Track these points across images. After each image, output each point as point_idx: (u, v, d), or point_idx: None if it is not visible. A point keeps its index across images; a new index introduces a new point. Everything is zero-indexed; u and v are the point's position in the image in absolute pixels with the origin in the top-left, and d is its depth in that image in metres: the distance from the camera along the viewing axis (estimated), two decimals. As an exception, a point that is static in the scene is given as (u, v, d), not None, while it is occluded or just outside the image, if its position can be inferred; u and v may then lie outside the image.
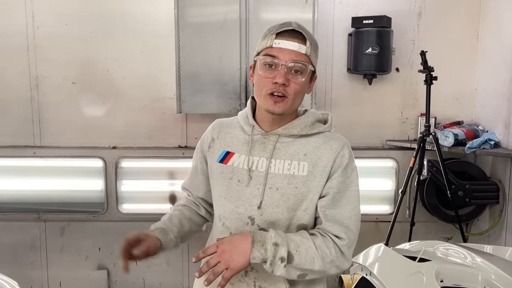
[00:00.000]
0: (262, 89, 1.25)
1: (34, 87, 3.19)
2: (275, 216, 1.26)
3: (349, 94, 3.23)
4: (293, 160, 1.27)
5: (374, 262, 1.75)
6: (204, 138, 1.43)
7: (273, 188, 1.27)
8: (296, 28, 1.24)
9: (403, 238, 3.03)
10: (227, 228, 1.31)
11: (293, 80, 1.23)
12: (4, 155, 3.19)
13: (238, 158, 1.32)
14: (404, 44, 3.17)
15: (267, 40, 1.25)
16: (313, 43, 1.26)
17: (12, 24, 3.13)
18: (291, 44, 1.22)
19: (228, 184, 1.31)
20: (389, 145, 3.25)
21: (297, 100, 1.27)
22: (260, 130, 1.32)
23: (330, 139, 1.31)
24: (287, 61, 1.21)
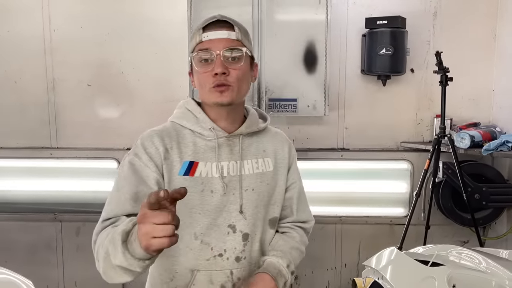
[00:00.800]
0: (204, 86, 1.21)
1: (51, 90, 3.25)
2: (255, 217, 1.27)
3: (362, 95, 3.21)
4: (258, 158, 1.30)
5: (386, 266, 1.72)
6: (151, 150, 1.20)
7: (249, 189, 1.26)
8: (221, 18, 1.23)
9: (418, 241, 2.99)
10: (207, 245, 1.22)
11: (232, 67, 1.20)
12: (21, 156, 3.26)
13: (205, 167, 1.22)
14: (419, 44, 3.13)
15: (196, 37, 1.22)
16: (241, 28, 1.25)
17: (30, 27, 3.19)
18: (220, 33, 1.20)
19: (201, 197, 1.20)
20: (403, 147, 3.21)
21: (243, 87, 1.24)
22: (223, 133, 1.25)
23: (275, 133, 1.39)
24: (221, 50, 1.18)
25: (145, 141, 1.22)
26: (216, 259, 1.22)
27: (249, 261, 1.27)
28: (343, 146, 3.24)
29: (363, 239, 3.27)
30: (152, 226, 0.86)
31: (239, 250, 1.24)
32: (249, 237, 1.25)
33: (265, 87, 2.93)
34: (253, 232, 1.26)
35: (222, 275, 1.23)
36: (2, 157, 3.28)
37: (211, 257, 1.22)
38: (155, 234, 0.86)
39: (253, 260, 1.28)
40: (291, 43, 2.90)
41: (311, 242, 3.42)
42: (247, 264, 1.26)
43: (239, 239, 1.24)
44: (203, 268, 1.22)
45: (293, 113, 2.95)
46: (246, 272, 1.25)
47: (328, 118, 3.17)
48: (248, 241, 1.25)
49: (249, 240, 1.25)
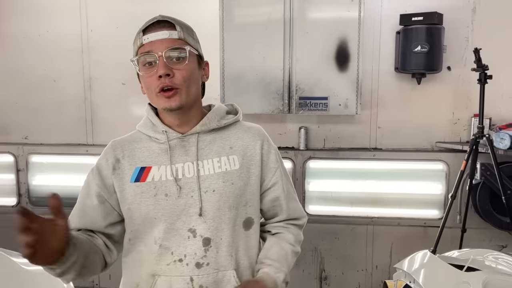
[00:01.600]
0: (151, 90, 1.16)
1: (88, 88, 3.35)
2: (219, 220, 1.18)
3: (396, 94, 3.13)
4: (221, 156, 1.22)
5: (418, 269, 1.68)
6: (102, 163, 1.22)
7: (209, 191, 1.18)
8: (161, 19, 1.18)
9: (453, 244, 2.89)
10: (167, 249, 1.17)
11: (177, 67, 1.15)
12: (59, 152, 3.38)
13: (158, 170, 1.18)
14: (457, 41, 3.02)
15: (137, 41, 1.18)
16: (184, 26, 1.20)
17: (68, 28, 3.30)
18: (160, 34, 1.15)
19: (155, 202, 1.17)
20: (439, 147, 3.12)
21: (191, 88, 1.18)
22: (176, 134, 1.21)
23: (247, 127, 1.29)
24: (163, 51, 1.14)
25: (102, 154, 1.26)
26: (176, 264, 1.16)
27: (214, 267, 1.18)
28: (376, 146, 3.18)
29: (395, 241, 3.20)
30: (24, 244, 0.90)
31: (200, 255, 1.16)
32: (212, 242, 1.17)
33: (295, 85, 2.92)
34: (217, 237, 1.18)
35: (181, 281, 1.16)
36: (42, 153, 3.41)
37: (171, 262, 1.16)
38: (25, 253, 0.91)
39: (220, 266, 1.19)
40: (323, 41, 2.87)
41: (342, 243, 3.39)
42: (211, 271, 1.17)
43: (199, 244, 1.16)
44: (163, 273, 1.17)
45: (324, 111, 2.92)
46: (210, 279, 1.17)
47: (360, 117, 3.12)
48: (210, 246, 1.17)
49: (211, 245, 1.17)
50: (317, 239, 3.23)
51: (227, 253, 1.19)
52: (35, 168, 3.42)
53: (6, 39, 3.38)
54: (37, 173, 3.43)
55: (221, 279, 1.19)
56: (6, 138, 3.45)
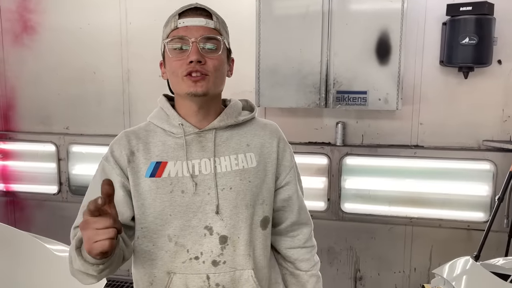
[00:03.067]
0: (177, 74, 1.12)
1: (126, 80, 3.40)
2: (235, 218, 1.15)
3: (441, 88, 2.97)
4: (238, 153, 1.18)
5: (459, 277, 1.57)
6: (116, 154, 1.17)
7: (226, 188, 1.15)
8: (199, 6, 1.17)
9: (499, 250, 2.73)
10: (182, 247, 1.14)
11: (209, 56, 1.12)
12: (98, 143, 3.45)
13: (174, 166, 1.15)
14: (509, 33, 2.82)
15: (171, 23, 1.15)
16: (219, 18, 1.18)
17: (108, 21, 3.36)
18: (197, 20, 1.13)
19: (171, 199, 1.13)
20: (486, 146, 2.93)
21: (219, 79, 1.16)
22: (193, 129, 1.17)
23: (264, 124, 1.27)
24: (197, 37, 1.11)
25: (114, 144, 1.21)
26: (192, 262, 1.14)
27: (231, 265, 1.15)
28: (417, 143, 3.04)
29: (435, 243, 3.05)
30: (94, 231, 0.89)
31: (216, 253, 1.14)
32: (228, 240, 1.14)
33: (333, 79, 2.82)
34: (234, 235, 1.15)
35: (198, 279, 1.14)
36: (82, 143, 3.50)
37: (186, 259, 1.14)
38: (97, 238, 0.89)
39: (238, 265, 1.16)
40: (363, 33, 2.75)
41: (378, 242, 3.29)
42: (228, 269, 1.15)
43: (216, 241, 1.14)
44: (178, 271, 1.14)
45: (363, 106, 2.81)
46: (227, 278, 1.15)
47: (401, 113, 2.98)
48: (227, 244, 1.14)
49: (228, 243, 1.14)
50: (353, 238, 3.13)
51: (244, 252, 1.16)
52: (75, 158, 3.52)
53: (50, 32, 3.48)
54: (77, 162, 3.53)
55: (239, 278, 1.16)
56: (49, 128, 3.57)
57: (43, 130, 3.58)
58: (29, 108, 3.61)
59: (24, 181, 3.63)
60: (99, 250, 0.90)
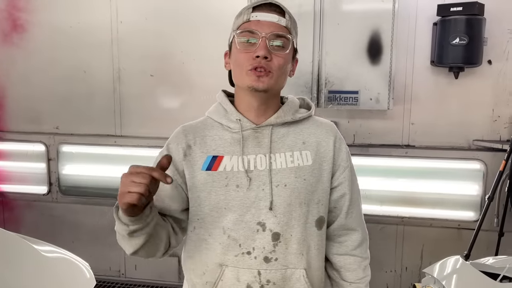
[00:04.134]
0: (242, 67, 1.14)
1: (117, 79, 3.37)
2: (289, 215, 1.15)
3: (432, 88, 2.98)
4: (294, 150, 1.19)
5: (449, 276, 1.58)
6: (172, 147, 1.21)
7: (280, 185, 1.15)
8: (273, 1, 1.17)
9: (490, 248, 2.75)
10: (234, 240, 1.16)
11: (276, 53, 1.13)
12: (89, 143, 3.42)
13: (230, 160, 1.16)
14: (499, 33, 2.84)
15: (244, 15, 1.16)
16: (292, 17, 1.18)
17: (99, 19, 3.33)
18: (270, 16, 1.13)
19: (226, 192, 1.16)
20: (476, 145, 2.95)
21: (282, 77, 1.17)
22: (250, 124, 1.18)
23: (320, 123, 1.26)
24: (268, 33, 1.12)
25: (171, 138, 1.24)
26: (244, 256, 1.15)
27: (283, 263, 1.16)
28: (408, 143, 3.05)
29: (426, 242, 3.07)
30: (129, 182, 0.95)
31: (268, 250, 1.15)
32: (281, 237, 1.15)
33: (325, 78, 2.82)
34: (287, 233, 1.15)
35: (249, 274, 1.15)
36: (72, 143, 3.47)
37: (239, 253, 1.15)
38: (128, 189, 0.94)
39: (290, 263, 1.17)
40: (354, 33, 2.76)
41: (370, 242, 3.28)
42: (279, 267, 1.15)
43: (268, 238, 1.15)
44: (230, 264, 1.16)
45: (354, 106, 2.81)
46: (279, 275, 1.15)
47: (392, 112, 2.99)
48: (279, 241, 1.15)
49: (280, 240, 1.15)
50: (344, 238, 3.14)
51: (297, 251, 1.17)
52: (65, 158, 3.49)
53: (40, 30, 3.44)
54: (67, 162, 3.49)
55: (290, 277, 1.17)
56: (38, 128, 3.53)
57: (32, 129, 3.54)
58: (19, 108, 3.56)
59: (14, 181, 3.59)
60: (127, 200, 0.95)
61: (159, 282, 3.45)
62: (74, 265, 1.93)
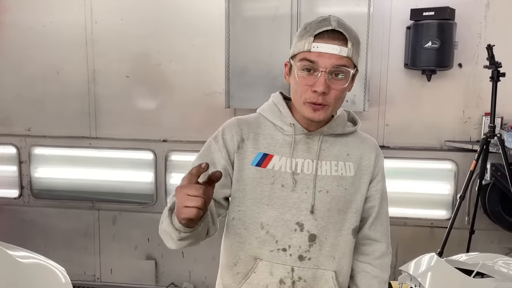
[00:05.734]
0: (300, 95, 1.17)
1: (91, 80, 3.31)
2: (327, 220, 1.21)
3: (406, 91, 3.06)
4: (339, 160, 1.24)
5: (424, 273, 1.62)
6: (227, 137, 1.25)
7: (323, 191, 1.21)
8: (337, 28, 1.14)
9: (461, 246, 2.83)
10: (272, 236, 1.21)
11: (334, 86, 1.14)
12: (62, 145, 3.35)
13: (279, 161, 1.22)
14: (469, 37, 2.94)
15: (304, 43, 1.15)
16: (355, 42, 1.16)
17: (72, 19, 3.26)
18: (331, 48, 1.12)
19: (271, 190, 1.21)
20: (448, 146, 3.04)
21: (338, 105, 1.20)
22: (303, 130, 1.23)
23: (364, 138, 1.32)
24: (327, 67, 1.12)
25: (226, 127, 1.27)
26: (279, 252, 1.20)
27: (315, 263, 1.21)
28: (383, 144, 3.11)
29: (401, 241, 3.13)
30: (185, 196, 0.95)
31: (304, 249, 1.20)
32: (317, 239, 1.21)
33: (302, 80, 2.85)
34: (323, 235, 1.21)
35: (283, 269, 1.20)
36: (45, 145, 3.39)
37: (274, 249, 1.21)
38: (186, 204, 0.95)
39: (321, 264, 1.22)
40: (331, 35, 2.79)
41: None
42: (311, 266, 1.21)
43: (305, 238, 1.20)
44: (265, 258, 1.21)
45: (331, 108, 2.85)
46: (310, 274, 1.21)
47: (368, 114, 3.05)
48: (315, 243, 1.20)
49: (316, 242, 1.21)
50: (321, 238, 3.17)
51: (329, 253, 1.22)
52: (37, 160, 3.40)
53: (10, 29, 3.34)
54: (40, 165, 3.41)
55: (320, 277, 1.22)
56: (9, 130, 3.42)
57: (2, 131, 3.43)
58: (-12, 109, 3.45)
59: (-17, 185, 3.48)
60: (186, 216, 0.96)
61: (135, 285, 3.40)
62: (50, 270, 1.88)
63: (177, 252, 3.28)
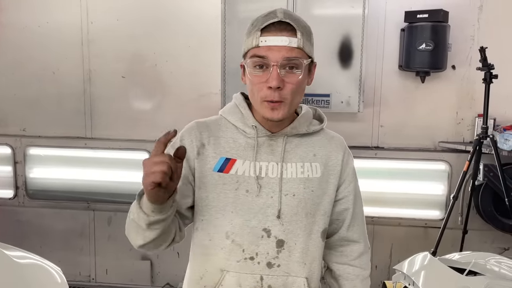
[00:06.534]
0: (256, 95, 1.12)
1: (87, 81, 3.31)
2: (295, 224, 1.16)
3: (400, 92, 3.09)
4: (305, 162, 1.19)
5: (418, 272, 1.64)
6: (186, 142, 1.19)
7: (289, 194, 1.16)
8: (283, 19, 1.09)
9: (454, 246, 2.86)
10: (238, 245, 1.15)
11: (288, 79, 1.09)
12: (58, 145, 3.34)
13: (242, 165, 1.16)
14: (462, 40, 2.98)
15: (252, 39, 1.10)
16: (304, 32, 1.12)
17: (68, 19, 3.26)
18: (280, 40, 1.08)
19: (235, 196, 1.15)
20: (441, 147, 3.07)
21: (296, 99, 1.14)
22: (265, 131, 1.17)
23: (331, 137, 1.27)
24: (278, 61, 1.07)
25: (184, 133, 1.21)
26: (247, 261, 1.15)
27: (285, 270, 1.17)
28: (378, 145, 3.14)
29: (395, 241, 3.17)
30: (151, 163, 0.94)
31: (272, 256, 1.15)
32: (285, 245, 1.16)
33: (297, 82, 2.87)
34: (291, 241, 1.16)
35: (251, 279, 1.15)
36: (40, 146, 3.38)
37: (241, 259, 1.15)
38: (152, 170, 0.93)
39: (291, 271, 1.17)
40: (326, 37, 2.82)
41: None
42: (281, 273, 1.16)
43: (273, 244, 1.15)
44: (232, 269, 1.16)
45: (326, 109, 2.88)
46: (280, 282, 1.16)
47: (363, 115, 3.08)
48: (283, 249, 1.16)
49: (284, 247, 1.16)
50: (316, 238, 3.19)
51: (299, 259, 1.17)
52: (32, 161, 3.39)
53: (6, 30, 3.33)
54: (35, 165, 3.40)
55: (291, 284, 1.17)
56: (4, 130, 3.41)
57: (-3, 132, 3.43)
58: (-17, 109, 3.44)
59: (-23, 185, 3.46)
60: (151, 179, 0.93)
61: (131, 286, 3.41)
62: (46, 270, 1.89)
63: (173, 253, 3.28)
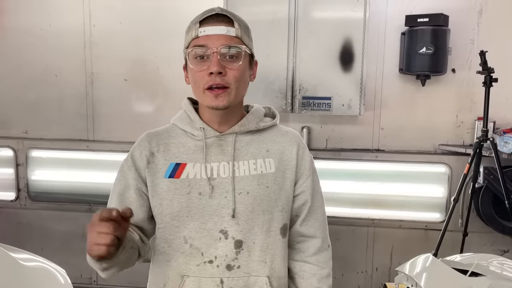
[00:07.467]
0: (199, 85, 1.13)
1: (89, 83, 3.32)
2: (251, 222, 1.15)
3: (400, 95, 3.11)
4: (257, 158, 1.18)
5: (420, 273, 1.66)
6: (136, 154, 1.20)
7: (243, 192, 1.15)
8: (221, 12, 1.14)
9: (455, 248, 2.87)
10: (197, 249, 1.14)
11: (230, 66, 1.11)
12: (60, 148, 3.35)
13: (193, 168, 1.15)
14: (462, 43, 3.00)
15: (192, 31, 1.14)
16: (241, 24, 1.16)
17: (71, 22, 3.28)
18: (218, 29, 1.11)
19: (188, 200, 1.14)
20: (442, 149, 3.09)
21: (241, 89, 1.15)
22: (214, 132, 1.18)
23: (285, 132, 1.26)
24: (218, 47, 1.10)
25: (135, 145, 1.23)
26: (206, 265, 1.14)
27: (246, 271, 1.15)
28: (378, 147, 3.16)
29: (396, 243, 3.18)
30: (95, 234, 0.92)
31: (231, 257, 1.14)
32: (243, 245, 1.14)
33: (299, 84, 2.89)
34: (249, 240, 1.15)
35: (211, 283, 1.14)
36: (42, 148, 3.39)
37: (201, 263, 1.14)
38: (96, 241, 0.92)
39: (252, 271, 1.16)
40: (327, 40, 2.84)
41: (342, 244, 3.36)
42: (242, 274, 1.15)
43: (231, 246, 1.14)
44: (192, 274, 1.14)
45: (327, 112, 2.90)
46: (241, 283, 1.15)
47: (363, 118, 3.10)
48: (242, 249, 1.14)
49: (243, 248, 1.15)
50: (317, 240, 3.21)
51: (259, 258, 1.17)
52: (34, 163, 3.40)
53: (9, 33, 3.35)
54: (37, 168, 3.41)
55: (253, 285, 1.16)
56: (6, 132, 3.42)
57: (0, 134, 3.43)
58: (-15, 112, 3.45)
59: (-21, 187, 3.47)
60: (96, 253, 0.93)
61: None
62: (51, 273, 1.90)
63: (174, 255, 3.29)
